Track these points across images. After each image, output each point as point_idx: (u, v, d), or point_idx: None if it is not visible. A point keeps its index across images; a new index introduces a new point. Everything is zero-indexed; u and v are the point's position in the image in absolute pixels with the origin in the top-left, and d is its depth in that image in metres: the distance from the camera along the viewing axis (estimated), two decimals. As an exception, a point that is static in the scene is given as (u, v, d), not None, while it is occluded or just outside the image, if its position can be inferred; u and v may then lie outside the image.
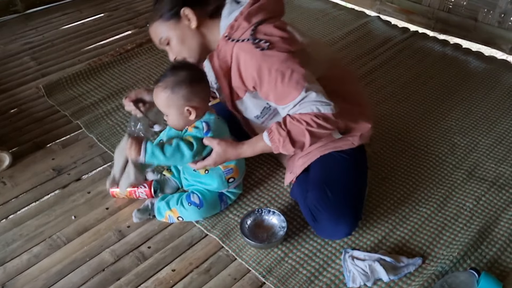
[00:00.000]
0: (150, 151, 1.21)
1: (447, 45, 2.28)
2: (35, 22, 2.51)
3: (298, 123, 1.15)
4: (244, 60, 1.18)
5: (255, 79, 1.17)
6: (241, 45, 1.17)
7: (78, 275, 1.25)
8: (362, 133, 1.33)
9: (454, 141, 1.68)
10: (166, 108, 1.26)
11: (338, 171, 1.30)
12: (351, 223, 1.25)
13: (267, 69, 1.14)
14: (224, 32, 1.22)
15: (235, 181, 1.38)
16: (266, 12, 1.22)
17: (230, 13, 1.24)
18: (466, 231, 1.34)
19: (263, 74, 1.15)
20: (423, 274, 1.22)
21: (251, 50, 1.15)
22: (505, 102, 1.87)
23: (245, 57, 1.17)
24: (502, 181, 1.51)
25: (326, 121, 1.15)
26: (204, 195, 1.34)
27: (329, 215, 1.24)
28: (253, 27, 1.18)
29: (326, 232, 1.30)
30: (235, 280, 1.24)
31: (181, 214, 1.35)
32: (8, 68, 2.14)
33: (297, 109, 1.16)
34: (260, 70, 1.15)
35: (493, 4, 2.17)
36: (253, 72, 1.16)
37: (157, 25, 1.28)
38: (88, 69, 2.06)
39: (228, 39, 1.20)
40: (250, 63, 1.16)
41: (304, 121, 1.15)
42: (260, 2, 1.22)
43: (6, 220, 1.42)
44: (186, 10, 1.23)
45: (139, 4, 2.68)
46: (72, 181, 1.56)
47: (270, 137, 1.20)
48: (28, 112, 1.87)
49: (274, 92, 1.17)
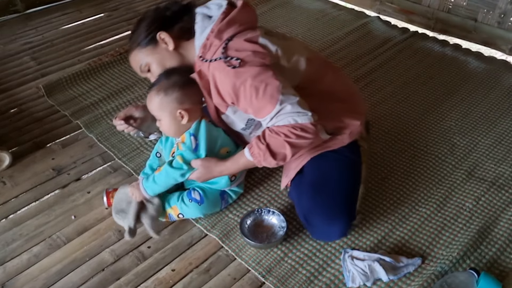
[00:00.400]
0: (148, 188, 1.30)
1: (447, 46, 2.28)
2: (35, 22, 2.52)
3: (277, 135, 1.16)
4: (219, 79, 1.19)
5: (232, 96, 1.18)
6: (214, 64, 1.19)
7: (78, 275, 1.25)
8: (351, 130, 1.32)
9: (454, 141, 1.68)
10: (159, 111, 1.27)
11: (330, 172, 1.29)
12: (344, 224, 1.25)
13: (241, 86, 1.15)
14: (198, 53, 1.24)
15: (237, 179, 1.38)
16: (237, 26, 1.23)
17: (203, 31, 1.25)
18: (465, 231, 1.34)
19: (238, 91, 1.16)
20: (423, 274, 1.23)
21: (224, 68, 1.16)
22: (505, 103, 1.87)
23: (219, 76, 1.18)
24: (502, 181, 1.51)
25: (304, 131, 1.15)
26: (205, 192, 1.35)
27: (321, 218, 1.24)
28: (224, 44, 1.19)
29: (321, 235, 1.30)
30: (234, 280, 1.24)
31: (181, 210, 1.35)
32: (8, 68, 2.14)
33: (274, 122, 1.16)
34: (234, 87, 1.16)
35: (492, 5, 2.17)
36: (229, 90, 1.17)
37: (135, 53, 1.31)
38: (88, 69, 2.07)
39: (202, 60, 1.23)
40: (225, 82, 1.17)
41: (282, 133, 1.15)
42: (230, 15, 1.23)
43: (6, 220, 1.42)
44: (162, 34, 1.26)
45: (139, 4, 2.68)
46: (72, 181, 1.56)
47: (251, 152, 1.21)
48: (28, 112, 1.87)
49: (251, 107, 1.18)
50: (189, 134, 1.28)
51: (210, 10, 1.30)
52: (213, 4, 1.31)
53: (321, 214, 1.24)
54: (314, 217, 1.26)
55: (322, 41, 2.28)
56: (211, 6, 1.31)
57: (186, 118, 1.26)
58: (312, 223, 1.27)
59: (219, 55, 1.18)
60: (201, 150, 1.28)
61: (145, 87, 1.98)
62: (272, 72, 1.16)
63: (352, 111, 1.34)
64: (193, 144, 1.27)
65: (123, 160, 1.61)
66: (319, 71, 1.31)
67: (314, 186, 1.27)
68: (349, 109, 1.33)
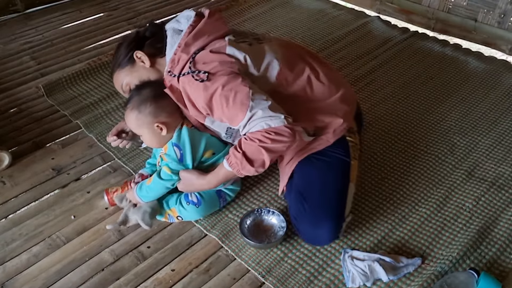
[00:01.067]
0: (143, 197, 1.32)
1: (447, 45, 2.28)
2: (35, 21, 2.51)
3: (252, 141, 1.15)
4: (191, 93, 1.21)
5: (205, 108, 1.19)
6: (183, 79, 1.22)
7: (77, 275, 1.25)
8: (334, 128, 1.29)
9: (454, 141, 1.68)
10: (138, 128, 1.30)
11: (315, 178, 1.28)
12: (331, 229, 1.24)
13: (212, 98, 1.17)
14: (167, 67, 1.27)
15: None
16: (205, 37, 1.24)
17: (172, 46, 1.28)
18: (465, 231, 1.34)
19: (210, 102, 1.18)
20: (423, 274, 1.23)
21: (193, 82, 1.18)
22: (505, 103, 1.87)
23: (190, 89, 1.20)
24: (502, 181, 1.51)
25: (279, 135, 1.14)
26: (201, 194, 1.34)
27: (307, 224, 1.25)
28: (191, 59, 1.21)
29: (310, 240, 1.30)
30: (234, 280, 1.24)
31: (180, 213, 1.35)
32: (7, 68, 2.14)
33: (248, 129, 1.16)
34: (206, 100, 1.17)
35: (493, 5, 2.17)
36: (201, 103, 1.19)
37: (117, 75, 1.37)
38: (87, 69, 2.06)
39: (171, 75, 1.25)
40: (197, 95, 1.19)
41: (256, 139, 1.14)
42: (196, 28, 1.25)
43: (5, 220, 1.42)
44: (138, 53, 1.32)
45: (139, 4, 2.68)
46: (71, 180, 1.56)
47: (229, 162, 1.20)
48: (28, 112, 1.87)
49: (224, 116, 1.19)
50: (171, 144, 1.29)
51: (180, 24, 1.32)
52: (182, 18, 1.33)
53: (307, 220, 1.24)
54: (300, 223, 1.26)
55: (322, 41, 2.28)
56: (181, 20, 1.33)
57: (165, 130, 1.27)
58: (300, 229, 1.28)
59: (187, 70, 1.20)
60: (187, 159, 1.29)
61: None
62: (241, 79, 1.17)
63: (333, 108, 1.30)
64: (178, 155, 1.28)
65: (122, 160, 1.61)
66: (294, 71, 1.29)
67: (299, 192, 1.27)
68: (329, 107, 1.30)
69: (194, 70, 1.19)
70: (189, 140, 1.28)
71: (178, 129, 1.29)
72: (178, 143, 1.28)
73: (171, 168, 1.29)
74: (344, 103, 1.33)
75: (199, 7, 2.62)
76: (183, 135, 1.28)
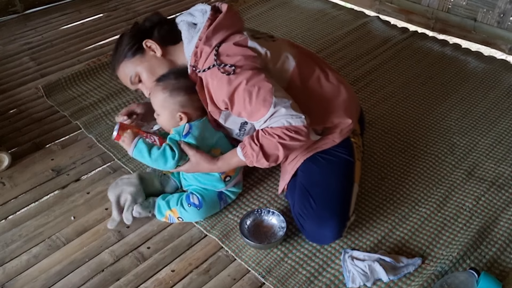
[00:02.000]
0: (139, 148, 1.25)
1: (447, 45, 2.28)
2: (34, 22, 2.51)
3: (270, 136, 1.16)
4: (213, 86, 1.19)
5: (226, 101, 1.19)
6: (208, 73, 1.20)
7: (77, 276, 1.25)
8: (341, 129, 1.31)
9: (454, 141, 1.68)
10: (160, 108, 1.28)
11: (321, 176, 1.28)
12: (335, 227, 1.24)
13: (235, 92, 1.16)
14: (190, 62, 1.24)
15: (232, 178, 1.38)
16: (224, 31, 1.23)
17: (191, 40, 1.25)
18: (465, 231, 1.34)
19: (232, 96, 1.17)
20: (423, 274, 1.22)
21: (217, 75, 1.17)
22: (504, 102, 1.87)
23: (213, 82, 1.19)
24: (502, 181, 1.51)
25: (298, 134, 1.16)
26: (203, 196, 1.34)
27: (313, 222, 1.25)
28: (215, 51, 1.20)
29: (314, 238, 1.30)
30: (234, 281, 1.24)
31: (181, 215, 1.35)
32: (7, 69, 2.14)
33: (268, 124, 1.17)
34: (228, 93, 1.17)
35: (492, 4, 2.17)
36: (223, 96, 1.18)
37: (123, 66, 1.31)
38: (87, 70, 2.06)
39: (195, 69, 1.23)
40: (219, 88, 1.18)
41: (276, 134, 1.16)
42: (216, 21, 1.23)
43: (5, 221, 1.42)
44: (148, 41, 1.27)
45: (138, 4, 2.68)
46: (71, 181, 1.56)
47: (244, 152, 1.21)
48: (27, 113, 1.87)
49: (244, 111, 1.18)
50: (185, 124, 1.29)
51: (194, 17, 1.30)
52: (196, 11, 1.31)
53: (312, 220, 1.24)
54: (305, 221, 1.26)
55: (321, 41, 2.28)
56: (195, 13, 1.31)
57: (184, 120, 1.27)
58: (304, 227, 1.28)
59: (212, 62, 1.19)
60: (191, 137, 1.27)
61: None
62: (264, 75, 1.17)
63: (342, 109, 1.31)
64: (185, 130, 1.27)
65: (122, 160, 1.61)
66: (306, 70, 1.30)
67: (304, 190, 1.27)
68: (338, 107, 1.31)
69: (220, 63, 1.17)
70: (201, 126, 1.28)
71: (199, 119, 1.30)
72: (192, 124, 1.28)
73: (170, 138, 1.27)
74: (353, 104, 1.36)
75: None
76: (200, 121, 1.29)
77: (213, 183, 1.35)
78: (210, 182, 1.35)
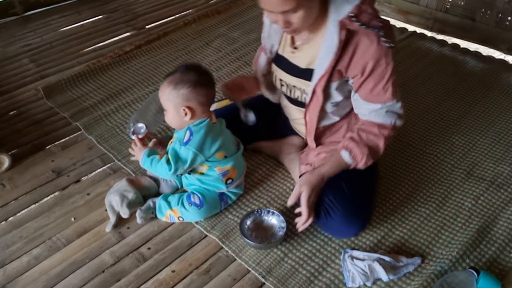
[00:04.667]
0: (144, 161, 1.32)
1: (445, 45, 2.29)
2: (34, 24, 2.51)
3: (377, 138, 1.21)
4: (366, 48, 1.15)
5: (367, 69, 1.16)
6: (369, 32, 1.13)
7: (78, 277, 1.25)
8: None
9: (453, 141, 1.68)
10: (166, 102, 1.28)
11: (354, 171, 1.29)
12: (362, 223, 1.29)
13: (382, 65, 1.16)
14: (350, 11, 1.12)
15: (234, 181, 1.38)
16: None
17: None
18: (465, 231, 1.35)
19: (377, 67, 1.16)
20: (422, 274, 1.23)
21: (378, 42, 1.13)
22: (503, 102, 1.88)
23: (370, 46, 1.14)
24: (501, 180, 1.51)
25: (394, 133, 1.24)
26: (204, 196, 1.35)
27: (344, 211, 1.25)
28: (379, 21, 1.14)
29: (336, 229, 1.30)
30: (235, 281, 1.24)
31: (181, 214, 1.36)
32: (7, 70, 2.14)
33: (376, 114, 1.20)
34: (377, 63, 1.15)
35: (490, 4, 2.18)
36: (369, 61, 1.15)
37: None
38: (87, 71, 2.07)
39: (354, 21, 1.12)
40: (372, 53, 1.14)
41: (382, 135, 1.21)
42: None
43: (5, 222, 1.42)
44: None
45: (138, 6, 2.68)
46: (71, 182, 1.56)
47: (352, 155, 1.22)
48: (27, 114, 1.87)
49: (373, 87, 1.18)
50: (187, 128, 1.28)
51: None
52: None
53: (344, 208, 1.26)
54: (336, 210, 1.26)
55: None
56: None
57: (188, 116, 1.26)
58: (332, 216, 1.27)
59: (377, 26, 1.13)
60: (191, 145, 1.26)
61: (144, 88, 1.98)
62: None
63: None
64: (186, 138, 1.27)
65: (122, 161, 1.61)
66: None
67: (340, 180, 1.27)
68: None
69: (385, 34, 1.13)
70: (203, 132, 1.27)
71: (202, 119, 1.29)
72: (192, 129, 1.27)
73: (173, 149, 1.27)
74: None
75: (198, 8, 2.64)
76: (202, 124, 1.28)
77: (215, 184, 1.35)
78: (212, 183, 1.35)
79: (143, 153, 1.32)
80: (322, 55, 1.19)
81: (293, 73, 1.31)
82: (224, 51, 2.24)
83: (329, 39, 1.17)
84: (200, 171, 1.34)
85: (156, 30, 2.42)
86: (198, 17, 2.51)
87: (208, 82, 1.28)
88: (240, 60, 2.16)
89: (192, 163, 1.28)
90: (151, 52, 2.23)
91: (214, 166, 1.32)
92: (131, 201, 1.36)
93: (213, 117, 1.32)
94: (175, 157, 1.27)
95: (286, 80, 1.34)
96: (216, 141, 1.30)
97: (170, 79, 1.26)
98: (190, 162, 1.27)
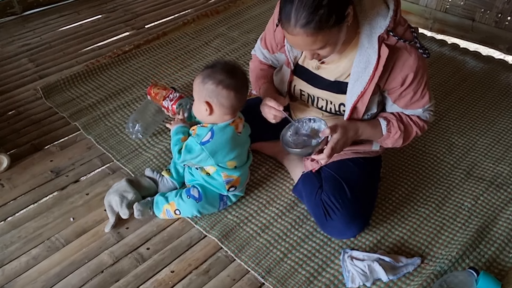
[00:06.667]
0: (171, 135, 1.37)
1: (445, 45, 2.28)
2: (33, 24, 2.51)
3: (414, 125, 1.26)
4: (405, 61, 1.14)
5: (406, 81, 1.17)
6: (407, 46, 1.13)
7: (77, 277, 1.25)
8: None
9: (452, 141, 1.68)
10: (195, 92, 1.29)
11: (357, 172, 1.30)
12: (362, 224, 1.29)
13: (421, 75, 1.17)
14: (388, 25, 1.10)
15: (236, 189, 1.38)
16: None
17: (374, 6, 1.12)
18: (464, 231, 1.35)
19: (416, 78, 1.17)
20: (422, 274, 1.23)
21: (416, 54, 1.14)
22: (503, 102, 1.88)
23: (408, 58, 1.14)
24: (500, 180, 1.51)
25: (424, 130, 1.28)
26: (204, 190, 1.35)
27: (345, 212, 1.25)
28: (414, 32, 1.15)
29: (336, 230, 1.30)
30: (234, 281, 1.24)
31: (178, 206, 1.35)
32: (6, 70, 2.13)
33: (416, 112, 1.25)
34: (416, 74, 1.16)
35: (490, 4, 2.18)
36: (409, 74, 1.15)
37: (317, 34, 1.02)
38: (86, 71, 2.06)
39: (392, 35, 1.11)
40: (411, 65, 1.15)
41: (418, 125, 1.26)
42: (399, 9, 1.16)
43: (4, 222, 1.42)
44: (350, 8, 1.05)
45: (137, 6, 2.68)
46: (70, 182, 1.55)
47: (388, 127, 1.24)
48: (26, 114, 1.86)
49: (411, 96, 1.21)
50: (211, 127, 1.27)
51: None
52: None
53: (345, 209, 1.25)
54: (336, 211, 1.26)
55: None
56: None
57: (208, 112, 1.26)
58: (332, 217, 1.27)
59: (412, 38, 1.14)
60: (207, 147, 1.26)
61: (143, 88, 1.98)
62: None
63: None
64: (206, 137, 1.26)
65: (121, 161, 1.61)
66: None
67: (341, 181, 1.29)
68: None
69: (421, 45, 1.15)
70: (224, 140, 1.27)
71: (228, 124, 1.28)
72: (215, 131, 1.26)
73: (188, 143, 1.29)
74: None
75: (197, 8, 2.63)
76: (227, 130, 1.27)
77: (217, 187, 1.35)
78: (215, 186, 1.35)
79: (173, 128, 1.36)
80: (359, 70, 1.16)
81: (319, 86, 1.27)
82: (223, 51, 2.24)
83: (364, 54, 1.14)
84: (207, 171, 1.34)
85: (155, 30, 2.42)
86: (197, 17, 2.51)
87: (235, 86, 1.24)
88: (239, 60, 2.16)
89: (200, 162, 1.30)
90: (150, 52, 2.22)
91: (221, 171, 1.32)
92: (131, 201, 1.36)
93: (239, 126, 1.30)
94: (187, 151, 1.28)
95: (309, 92, 1.31)
96: (233, 151, 1.29)
97: (204, 72, 1.26)
98: (198, 161, 1.29)
